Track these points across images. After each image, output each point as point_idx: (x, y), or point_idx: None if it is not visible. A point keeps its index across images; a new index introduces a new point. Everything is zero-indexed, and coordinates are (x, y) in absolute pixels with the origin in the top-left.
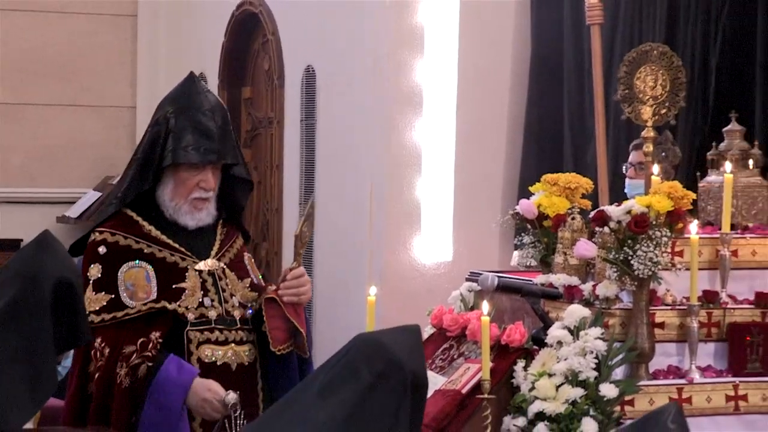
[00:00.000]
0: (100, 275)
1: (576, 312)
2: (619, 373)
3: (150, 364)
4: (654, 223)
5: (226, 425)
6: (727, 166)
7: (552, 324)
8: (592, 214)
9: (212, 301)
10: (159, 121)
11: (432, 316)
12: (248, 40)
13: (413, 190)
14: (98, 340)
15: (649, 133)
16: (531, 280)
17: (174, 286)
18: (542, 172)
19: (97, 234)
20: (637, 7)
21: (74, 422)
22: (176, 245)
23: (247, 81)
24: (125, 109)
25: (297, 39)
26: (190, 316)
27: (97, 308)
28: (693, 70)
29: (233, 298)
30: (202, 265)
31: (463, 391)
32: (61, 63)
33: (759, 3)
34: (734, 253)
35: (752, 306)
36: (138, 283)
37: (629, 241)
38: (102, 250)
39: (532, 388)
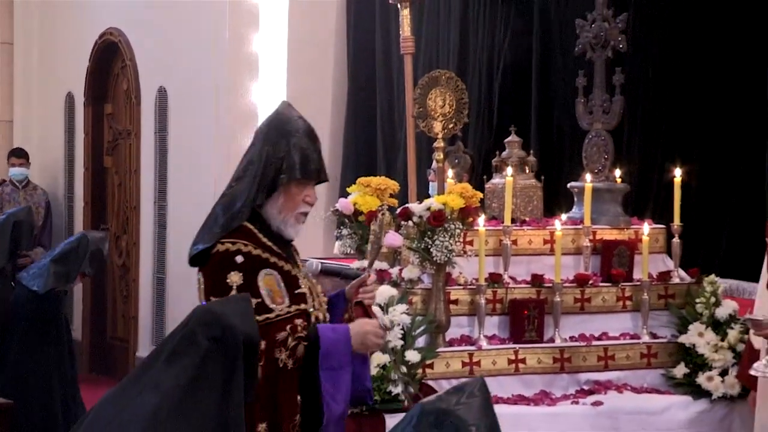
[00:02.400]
0: (242, 282)
1: (386, 291)
2: (421, 341)
3: (305, 343)
4: (449, 217)
5: None
6: (508, 170)
7: None
8: (398, 210)
9: (315, 306)
10: (270, 142)
11: None
12: (109, 65)
13: None
14: None
15: (440, 143)
16: (348, 266)
17: (296, 292)
18: (359, 176)
19: (228, 245)
20: (434, 39)
21: None
22: (285, 255)
23: (108, 99)
24: (3, 123)
25: (151, 64)
26: (313, 319)
27: None
28: (480, 92)
29: (322, 302)
30: (303, 273)
31: None
32: None
33: (533, 36)
34: (514, 242)
35: (529, 285)
36: (273, 288)
37: (429, 233)
38: (239, 259)
39: None
